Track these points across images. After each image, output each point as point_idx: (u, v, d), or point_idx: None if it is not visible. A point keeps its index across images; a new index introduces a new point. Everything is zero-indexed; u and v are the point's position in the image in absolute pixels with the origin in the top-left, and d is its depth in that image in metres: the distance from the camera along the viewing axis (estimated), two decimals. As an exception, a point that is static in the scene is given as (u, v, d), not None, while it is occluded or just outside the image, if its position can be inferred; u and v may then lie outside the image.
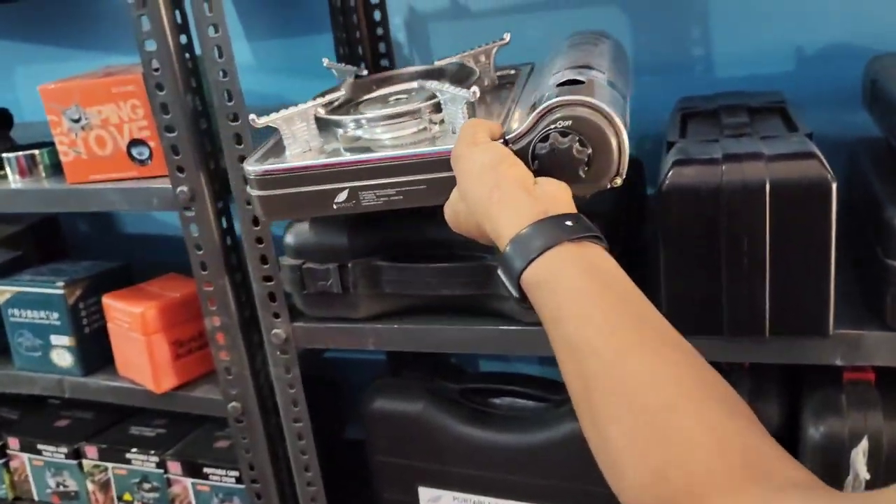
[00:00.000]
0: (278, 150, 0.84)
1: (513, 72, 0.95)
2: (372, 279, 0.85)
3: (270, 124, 0.78)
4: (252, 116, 0.77)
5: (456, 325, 0.85)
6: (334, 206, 0.77)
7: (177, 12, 0.84)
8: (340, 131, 0.82)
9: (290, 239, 0.88)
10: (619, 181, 0.66)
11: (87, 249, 1.43)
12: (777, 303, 0.69)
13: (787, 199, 0.67)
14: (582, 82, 0.70)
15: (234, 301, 0.93)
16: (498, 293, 0.81)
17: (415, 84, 0.91)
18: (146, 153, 0.92)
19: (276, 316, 0.92)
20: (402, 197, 0.77)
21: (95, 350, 1.08)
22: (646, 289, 0.55)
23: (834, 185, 0.66)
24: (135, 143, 0.92)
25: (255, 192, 0.78)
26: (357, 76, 0.93)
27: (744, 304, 0.70)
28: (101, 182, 0.94)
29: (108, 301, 1.03)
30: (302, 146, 0.80)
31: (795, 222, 0.67)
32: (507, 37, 0.89)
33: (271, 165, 0.78)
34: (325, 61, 0.95)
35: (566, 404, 0.92)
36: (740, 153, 0.68)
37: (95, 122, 0.92)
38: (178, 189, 0.88)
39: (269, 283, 0.91)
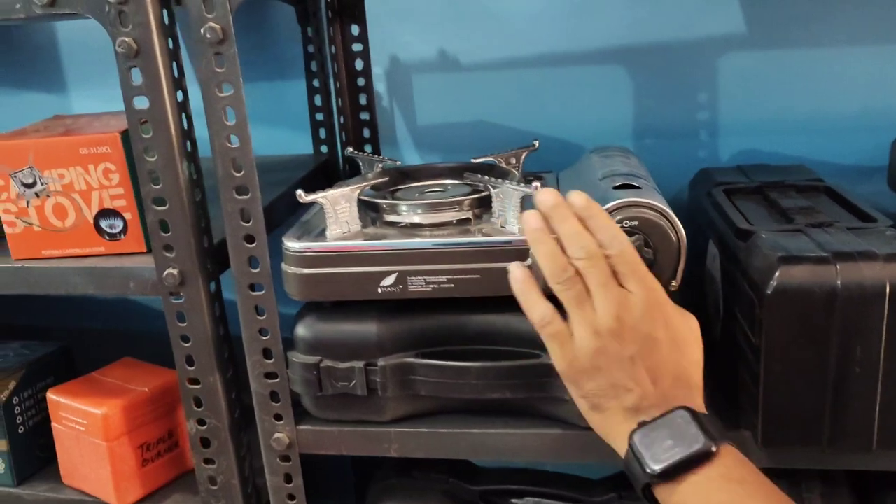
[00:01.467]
0: (310, 228, 0.74)
1: (535, 177, 0.90)
2: (404, 380, 0.74)
3: (317, 201, 0.72)
4: (299, 192, 0.70)
5: (499, 430, 0.75)
6: (379, 291, 0.71)
7: (174, 64, 0.70)
8: (378, 217, 0.77)
9: (303, 332, 0.75)
10: (675, 285, 0.69)
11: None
12: (886, 416, 0.63)
13: (904, 303, 0.61)
14: (639, 187, 0.71)
15: (225, 401, 0.79)
16: (553, 395, 0.71)
17: (446, 179, 0.87)
18: (119, 226, 0.77)
19: (279, 418, 0.78)
20: (453, 285, 0.69)
21: (31, 454, 0.89)
22: (735, 393, 0.50)
23: (956, 290, 0.61)
24: (105, 213, 0.77)
25: (292, 270, 0.72)
26: (385, 166, 0.87)
27: (851, 416, 0.64)
28: (55, 259, 0.78)
29: (55, 398, 0.85)
30: (342, 226, 0.73)
31: (911, 329, 0.62)
32: (537, 143, 0.87)
33: (317, 243, 0.72)
34: (349, 150, 0.93)
35: (601, 506, 0.83)
36: (852, 252, 0.62)
37: (54, 188, 0.76)
38: (166, 271, 0.74)
39: (272, 381, 0.77)
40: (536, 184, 0.70)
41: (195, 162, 0.74)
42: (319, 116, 1.09)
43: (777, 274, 0.62)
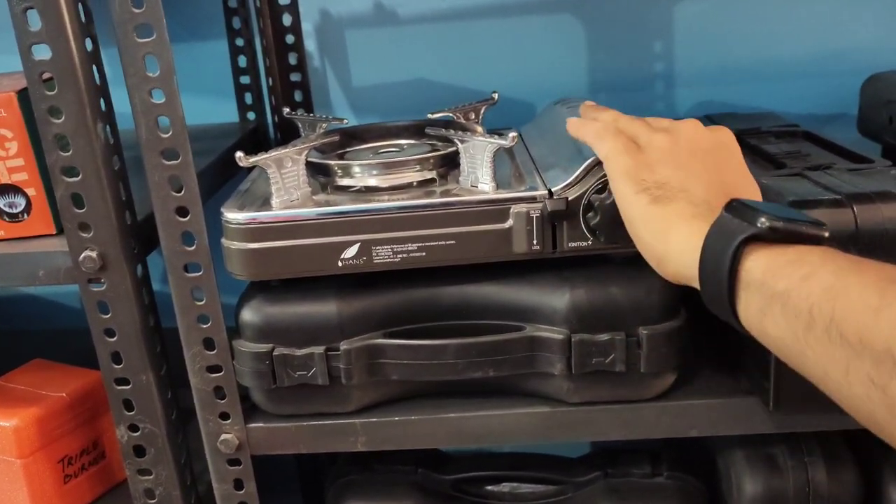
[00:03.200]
0: (251, 197, 0.64)
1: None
2: (371, 365, 0.65)
3: (260, 164, 0.61)
4: (239, 154, 0.60)
5: (480, 413, 0.67)
6: (340, 264, 0.62)
7: (80, 6, 0.59)
8: (329, 181, 0.68)
9: (250, 316, 0.65)
10: None
11: None
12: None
13: (925, 244, 0.56)
14: None
15: (160, 402, 0.68)
16: (540, 370, 0.64)
17: (402, 139, 0.77)
18: (21, 204, 0.65)
19: (225, 417, 0.68)
20: (424, 254, 0.60)
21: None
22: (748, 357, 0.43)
23: (978, 227, 0.56)
24: (2, 190, 0.65)
25: (236, 245, 0.62)
26: (331, 128, 0.77)
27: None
28: (-58, 246, 0.66)
29: (-46, 411, 0.73)
30: (290, 193, 0.63)
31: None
32: (496, 96, 0.80)
33: (264, 213, 0.61)
34: (286, 111, 0.82)
35: (585, 486, 0.77)
36: (868, 192, 0.57)
37: (-63, 162, 0.63)
38: (83, 254, 0.63)
39: (215, 375, 0.67)
40: (513, 133, 0.61)
41: (111, 124, 0.63)
42: (245, 79, 0.98)
43: (790, 220, 0.56)
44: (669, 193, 0.53)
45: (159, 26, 0.58)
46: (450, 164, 0.68)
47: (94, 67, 0.61)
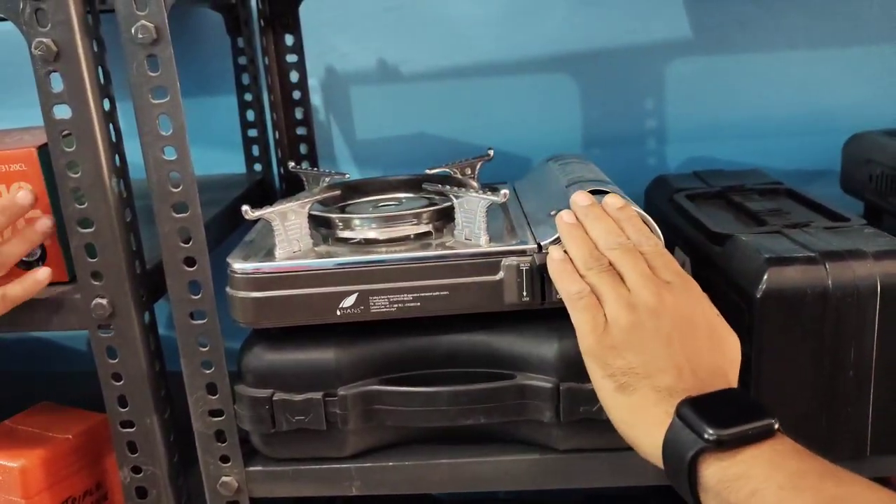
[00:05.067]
0: (255, 248, 0.68)
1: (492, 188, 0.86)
2: (368, 410, 0.67)
3: (265, 217, 0.65)
4: (245, 207, 0.63)
5: (473, 459, 0.69)
6: (338, 313, 0.65)
7: (99, 69, 0.63)
8: (330, 233, 0.71)
9: (252, 362, 0.68)
10: None
11: None
12: (880, 420, 0.61)
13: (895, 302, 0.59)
14: (606, 192, 0.68)
15: (163, 445, 0.71)
16: (530, 418, 0.66)
17: (401, 193, 0.81)
18: (37, 253, 0.68)
19: (225, 460, 0.71)
20: (419, 304, 0.64)
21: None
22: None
23: (946, 286, 0.59)
24: (20, 240, 0.68)
25: (241, 294, 0.65)
26: (334, 182, 0.80)
27: (845, 422, 0.61)
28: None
29: (-37, 451, 0.75)
30: (292, 245, 0.66)
31: (901, 327, 0.59)
32: (491, 153, 0.83)
33: (268, 263, 0.65)
34: (292, 164, 0.86)
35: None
36: (841, 250, 0.60)
37: (-41, 212, 0.67)
38: (94, 301, 0.66)
39: (217, 420, 0.70)
40: (505, 191, 0.65)
41: (125, 178, 0.66)
42: (252, 133, 1.02)
43: (766, 276, 0.59)
44: (633, 381, 0.54)
45: (173, 89, 0.62)
46: (445, 217, 0.71)
47: (111, 125, 0.64)
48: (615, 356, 0.55)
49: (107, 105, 0.64)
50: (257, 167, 1.03)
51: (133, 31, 0.60)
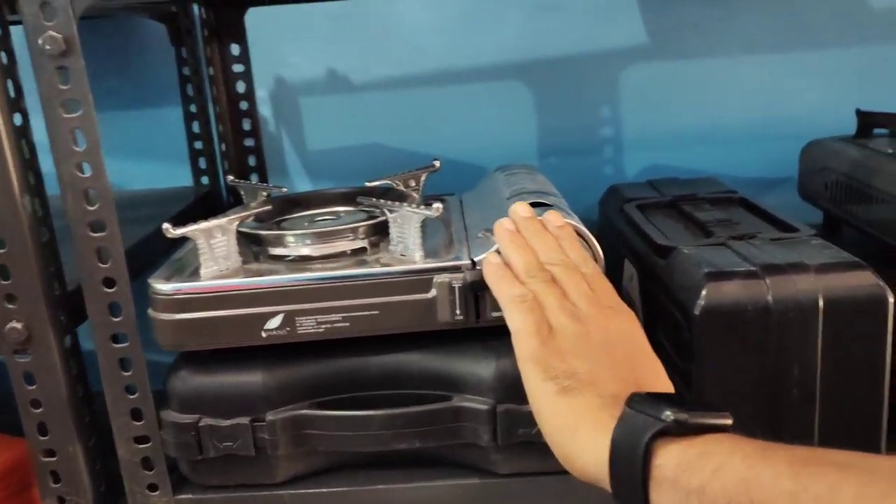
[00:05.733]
0: (182, 267, 0.66)
1: (437, 200, 0.84)
2: (298, 435, 0.64)
3: (188, 235, 0.62)
4: (166, 226, 0.60)
5: (409, 485, 0.66)
6: (263, 335, 0.62)
7: (9, 82, 0.60)
8: (261, 250, 0.69)
9: (177, 386, 0.65)
10: None
11: None
12: (826, 439, 0.58)
13: (839, 316, 0.56)
14: (550, 205, 0.66)
15: (88, 474, 0.68)
16: (468, 441, 0.64)
17: (338, 206, 0.78)
18: (-49, 275, 0.65)
19: (153, 489, 0.67)
20: (348, 324, 0.61)
21: None
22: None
23: (891, 299, 0.56)
24: (-67, 261, 0.65)
25: (162, 316, 0.62)
26: (271, 195, 0.78)
27: (789, 442, 0.58)
28: None
29: None
30: (219, 263, 0.64)
31: (847, 343, 0.57)
32: (437, 164, 0.80)
33: (186, 284, 0.62)
34: (230, 178, 0.83)
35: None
36: (782, 264, 0.57)
37: None
38: (8, 326, 0.63)
39: (143, 446, 0.67)
40: (438, 205, 0.62)
41: (41, 196, 0.63)
42: (198, 145, 0.99)
43: (704, 291, 0.56)
44: (578, 385, 0.50)
45: (86, 102, 0.59)
46: (382, 232, 0.68)
47: (24, 141, 0.61)
48: (559, 360, 0.51)
49: (18, 120, 0.61)
50: (204, 180, 1.00)
51: (41, 42, 0.57)
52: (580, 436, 0.48)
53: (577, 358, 0.51)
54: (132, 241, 0.72)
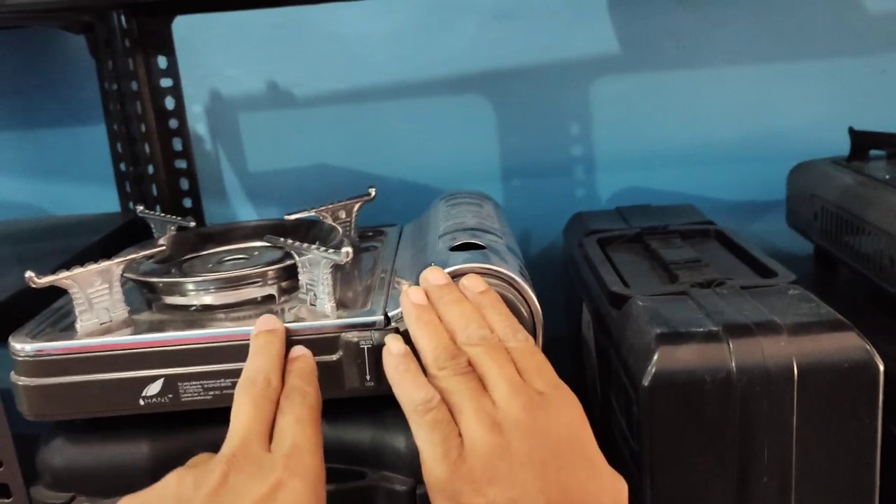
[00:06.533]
0: (60, 318, 0.58)
1: (373, 233, 0.76)
2: (188, 517, 0.55)
3: (57, 284, 0.53)
4: (29, 274, 0.51)
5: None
6: (142, 402, 0.53)
7: None
8: (155, 298, 0.59)
9: (48, 459, 0.55)
10: None
11: None
12: (805, 533, 0.49)
13: (817, 388, 0.47)
14: (481, 247, 0.57)
15: (-46, 556, 0.58)
16: (386, 526, 0.54)
17: (256, 242, 0.69)
18: None
19: (27, 575, 0.58)
20: (240, 391, 0.51)
21: None
22: None
23: (882, 367, 0.47)
24: None
25: (22, 381, 0.53)
26: (181, 228, 0.69)
27: (762, 539, 0.49)
28: None
29: None
30: (100, 315, 0.55)
31: (827, 421, 0.47)
32: (373, 192, 0.71)
33: (50, 343, 0.53)
34: (140, 208, 0.74)
35: None
36: (748, 323, 0.48)
37: None
38: None
39: (13, 527, 0.57)
40: (347, 249, 0.53)
41: None
42: (123, 167, 0.90)
43: (656, 357, 0.47)
44: None
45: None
46: (296, 275, 0.59)
47: None
48: (473, 492, 0.42)
49: None
50: (132, 205, 0.91)
51: None
52: None
53: (493, 485, 0.41)
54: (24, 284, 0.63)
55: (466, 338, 0.47)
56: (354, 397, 0.53)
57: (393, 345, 0.49)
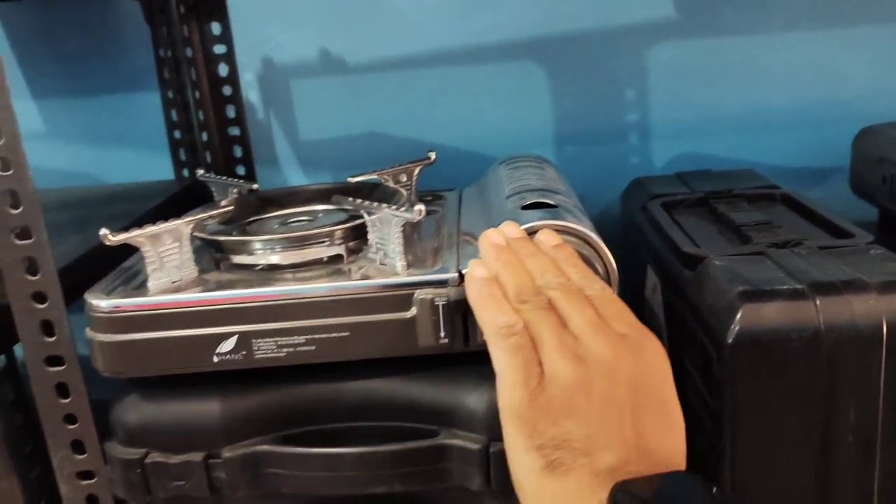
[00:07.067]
0: (131, 277, 0.58)
1: (432, 197, 0.76)
2: (259, 475, 0.55)
3: (130, 242, 0.53)
4: (104, 231, 0.52)
5: (391, 531, 0.57)
6: (215, 359, 0.53)
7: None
8: (223, 258, 0.59)
9: (123, 415, 0.56)
10: None
11: None
12: (888, 497, 0.48)
13: (906, 347, 0.46)
14: (553, 206, 0.57)
15: (29, 511, 0.60)
16: (457, 485, 0.54)
17: (318, 205, 0.69)
18: None
19: (101, 530, 0.59)
20: (314, 347, 0.52)
21: None
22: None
23: (972, 326, 0.45)
24: None
25: (98, 338, 0.53)
26: (244, 191, 0.69)
27: (844, 499, 0.48)
28: None
29: None
30: (170, 274, 0.55)
31: (915, 379, 0.46)
32: (433, 156, 0.70)
33: (125, 300, 0.53)
34: (200, 172, 0.74)
35: None
36: (835, 281, 0.47)
37: None
38: (-73, 348, 0.54)
39: (87, 483, 0.58)
40: (420, 206, 0.53)
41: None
42: (178, 134, 0.90)
43: (739, 315, 0.46)
44: (569, 458, 0.40)
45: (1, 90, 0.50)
46: (364, 236, 0.59)
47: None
48: (549, 422, 0.42)
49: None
50: (186, 172, 0.91)
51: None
52: None
53: (570, 418, 0.41)
54: (90, 246, 0.64)
55: (545, 282, 0.47)
56: (428, 355, 0.53)
57: (477, 270, 0.48)
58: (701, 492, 0.39)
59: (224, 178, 0.71)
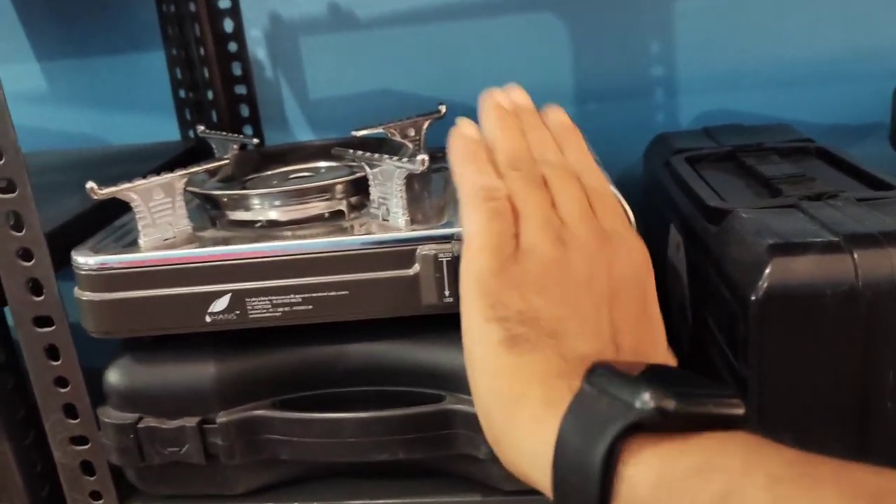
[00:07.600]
0: (122, 234, 0.55)
1: (443, 154, 0.70)
2: (255, 441, 0.53)
3: (119, 196, 0.50)
4: (91, 185, 0.49)
5: (394, 500, 0.54)
6: (207, 319, 0.50)
7: None
8: (219, 215, 0.56)
9: (115, 379, 0.54)
10: None
11: None
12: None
13: (952, 302, 0.42)
14: None
15: (22, 478, 0.58)
16: (461, 452, 0.51)
17: (321, 162, 0.65)
18: None
19: (96, 496, 0.57)
20: (311, 307, 0.49)
21: None
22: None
23: None
24: None
25: (86, 296, 0.50)
26: (243, 146, 0.67)
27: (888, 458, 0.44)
28: None
29: None
30: (163, 231, 0.52)
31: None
32: (443, 109, 0.67)
33: (113, 257, 0.50)
34: (201, 129, 0.71)
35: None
36: (874, 233, 0.43)
37: None
38: (-89, 307, 0.52)
39: (81, 448, 0.56)
40: (423, 156, 0.49)
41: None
42: (183, 93, 0.87)
43: (768, 269, 0.42)
44: (533, 335, 0.35)
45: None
46: (365, 191, 0.56)
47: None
48: (516, 294, 0.37)
49: None
50: (192, 133, 0.89)
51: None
52: (521, 413, 0.33)
53: (541, 296, 0.37)
54: (88, 206, 0.61)
55: (541, 156, 0.44)
56: (432, 315, 0.50)
57: (466, 127, 0.45)
58: (694, 375, 0.34)
59: (224, 133, 0.68)
